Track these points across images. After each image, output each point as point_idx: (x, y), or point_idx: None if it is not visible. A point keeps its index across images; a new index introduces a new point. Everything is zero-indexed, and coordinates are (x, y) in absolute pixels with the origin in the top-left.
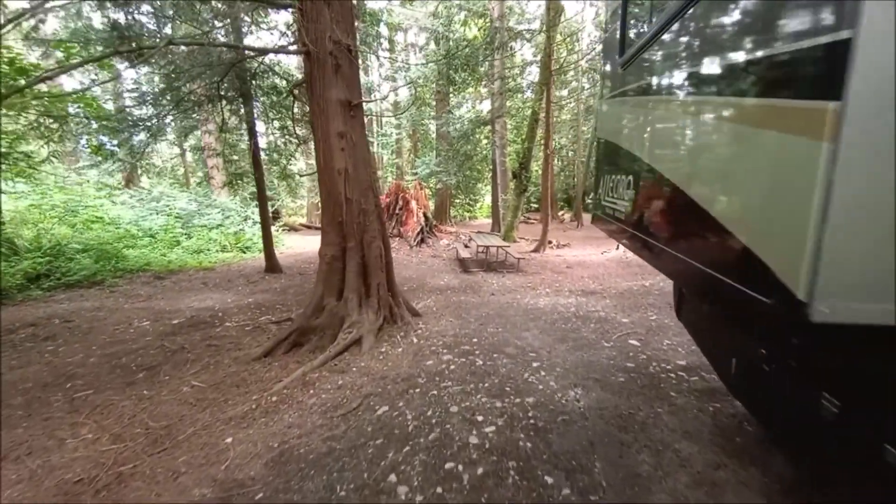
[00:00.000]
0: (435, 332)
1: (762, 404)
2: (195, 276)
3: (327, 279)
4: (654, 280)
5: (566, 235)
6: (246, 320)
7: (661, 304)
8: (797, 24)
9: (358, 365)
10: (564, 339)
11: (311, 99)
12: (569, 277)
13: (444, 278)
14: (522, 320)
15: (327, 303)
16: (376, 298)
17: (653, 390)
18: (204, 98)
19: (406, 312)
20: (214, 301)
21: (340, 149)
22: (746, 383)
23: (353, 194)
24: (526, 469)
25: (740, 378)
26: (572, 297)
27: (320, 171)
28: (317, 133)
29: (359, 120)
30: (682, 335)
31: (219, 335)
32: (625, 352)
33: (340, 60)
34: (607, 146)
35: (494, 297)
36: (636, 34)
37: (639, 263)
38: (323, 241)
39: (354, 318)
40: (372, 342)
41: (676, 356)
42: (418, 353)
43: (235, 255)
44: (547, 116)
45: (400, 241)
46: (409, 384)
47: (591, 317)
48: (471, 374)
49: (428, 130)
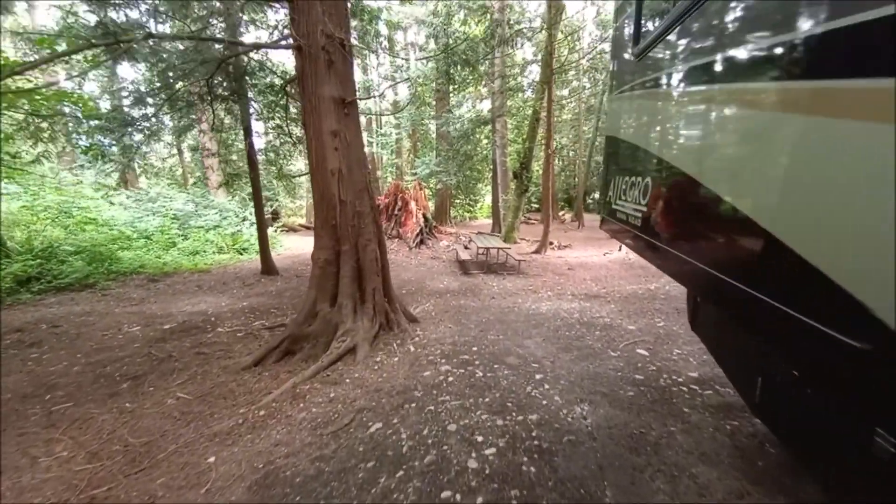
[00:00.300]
0: (433, 340)
1: (795, 432)
2: (190, 278)
3: (320, 284)
4: (659, 283)
5: (567, 236)
6: (239, 325)
7: (669, 309)
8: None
9: (352, 376)
10: (568, 348)
11: (303, 96)
12: (571, 280)
13: (444, 281)
14: (524, 327)
15: (320, 309)
16: (372, 304)
17: (665, 406)
18: (196, 97)
19: (403, 319)
20: (208, 305)
21: (334, 148)
22: (775, 407)
23: (348, 196)
24: (530, 499)
25: (767, 400)
26: (575, 302)
27: (313, 172)
28: (309, 132)
29: (353, 118)
30: (693, 344)
31: (209, 342)
32: (633, 362)
33: (333, 56)
34: (619, 145)
35: (495, 300)
36: (654, 20)
37: (642, 265)
38: (316, 244)
39: (349, 325)
40: (367, 351)
41: (688, 367)
42: (415, 363)
43: (232, 256)
44: (548, 116)
45: (399, 243)
46: (405, 398)
47: (596, 323)
48: (470, 386)
49: (428, 130)
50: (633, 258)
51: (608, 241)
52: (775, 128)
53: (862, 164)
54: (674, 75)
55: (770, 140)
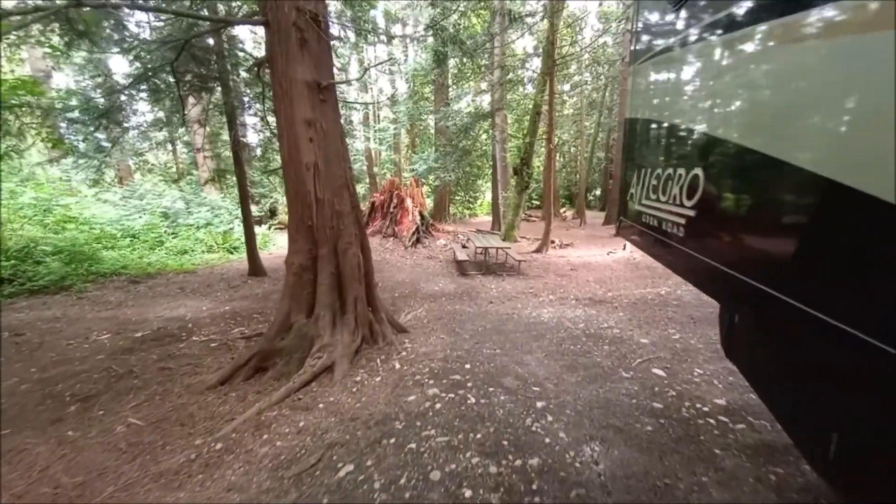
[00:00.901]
0: (422, 354)
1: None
2: (174, 279)
3: (295, 293)
4: (668, 287)
5: (569, 234)
6: (215, 333)
7: (683, 318)
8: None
9: (326, 399)
10: (574, 367)
11: (273, 79)
12: (574, 282)
13: (440, 283)
14: (524, 338)
15: (295, 321)
16: (353, 315)
17: (691, 445)
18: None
19: (389, 330)
20: (188, 309)
21: (308, 139)
22: (860, 475)
23: (325, 193)
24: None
25: (848, 464)
26: (580, 308)
27: (285, 166)
28: (280, 120)
29: (330, 105)
30: (715, 362)
31: (178, 354)
32: (648, 385)
33: (306, 33)
34: (647, 129)
35: (493, 305)
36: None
37: (648, 266)
38: (290, 248)
39: (326, 339)
40: (346, 369)
41: (712, 392)
42: (399, 384)
43: (222, 255)
44: (550, 109)
45: (394, 242)
46: (384, 430)
47: (604, 335)
48: (460, 417)
49: (427, 126)
50: (638, 258)
51: (611, 239)
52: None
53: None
54: (749, 13)
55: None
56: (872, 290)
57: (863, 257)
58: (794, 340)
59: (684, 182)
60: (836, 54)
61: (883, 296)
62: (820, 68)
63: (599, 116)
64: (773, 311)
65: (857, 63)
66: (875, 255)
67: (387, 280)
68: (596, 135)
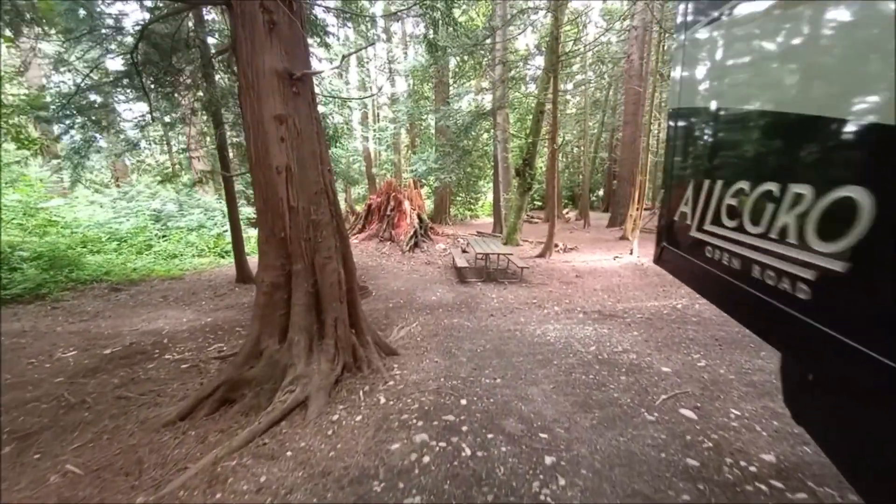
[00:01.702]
0: (412, 384)
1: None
2: (158, 287)
3: (265, 315)
4: (684, 299)
5: (573, 237)
6: (191, 351)
7: (706, 339)
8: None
9: (296, 445)
10: (587, 405)
11: (238, 69)
12: (580, 290)
13: (437, 291)
14: (528, 364)
15: (266, 346)
16: (333, 340)
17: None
18: (153, 81)
19: (375, 355)
20: (167, 321)
21: (279, 139)
22: None
23: (300, 201)
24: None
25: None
26: (589, 325)
27: (252, 169)
28: (246, 116)
29: (305, 99)
30: (753, 400)
31: (142, 378)
32: (678, 432)
33: (275, 15)
34: (716, 122)
35: (493, 319)
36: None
37: (657, 272)
38: (260, 262)
39: (300, 369)
40: (321, 405)
41: (756, 443)
42: (383, 426)
43: (212, 260)
44: (553, 107)
45: (391, 246)
46: (359, 493)
47: (619, 362)
48: (452, 477)
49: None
50: (646, 263)
51: (617, 242)
52: None
53: None
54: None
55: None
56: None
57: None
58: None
59: (813, 208)
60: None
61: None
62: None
63: (603, 116)
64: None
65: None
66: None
67: (381, 288)
68: (599, 135)
